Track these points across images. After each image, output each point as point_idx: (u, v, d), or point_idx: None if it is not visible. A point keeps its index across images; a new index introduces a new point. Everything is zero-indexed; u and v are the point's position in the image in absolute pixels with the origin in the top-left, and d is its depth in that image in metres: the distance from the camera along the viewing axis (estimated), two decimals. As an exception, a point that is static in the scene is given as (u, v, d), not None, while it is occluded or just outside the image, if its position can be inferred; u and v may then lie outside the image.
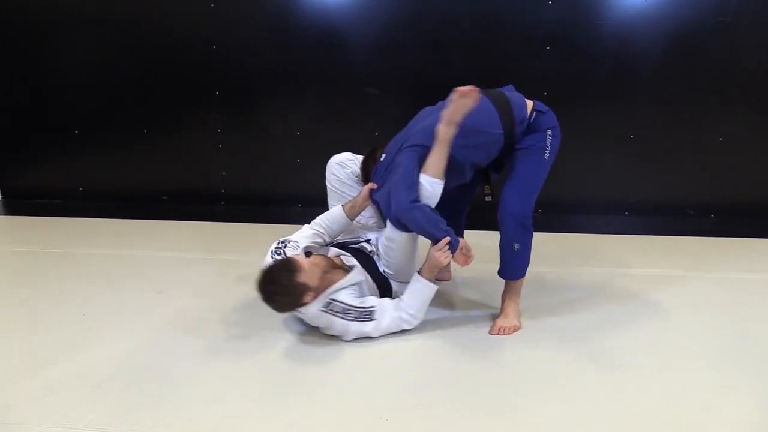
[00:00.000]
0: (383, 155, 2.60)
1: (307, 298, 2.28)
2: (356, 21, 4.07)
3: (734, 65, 3.83)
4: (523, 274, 2.55)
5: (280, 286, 2.24)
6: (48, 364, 2.25)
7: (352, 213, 2.65)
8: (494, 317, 2.57)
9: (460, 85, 2.40)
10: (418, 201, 2.35)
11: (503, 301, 2.58)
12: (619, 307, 2.74)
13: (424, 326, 2.52)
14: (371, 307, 2.39)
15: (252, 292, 2.89)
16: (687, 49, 3.85)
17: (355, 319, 2.37)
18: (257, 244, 3.64)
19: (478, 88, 2.39)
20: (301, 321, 2.57)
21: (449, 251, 2.36)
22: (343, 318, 2.36)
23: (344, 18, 4.08)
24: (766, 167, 3.96)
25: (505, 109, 2.47)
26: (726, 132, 3.93)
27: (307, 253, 2.49)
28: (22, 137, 4.64)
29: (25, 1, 4.32)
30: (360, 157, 2.79)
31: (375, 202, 2.63)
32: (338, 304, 2.36)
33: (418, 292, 2.43)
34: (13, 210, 4.53)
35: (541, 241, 3.58)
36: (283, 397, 2.04)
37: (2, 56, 4.47)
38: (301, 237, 2.59)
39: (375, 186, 2.58)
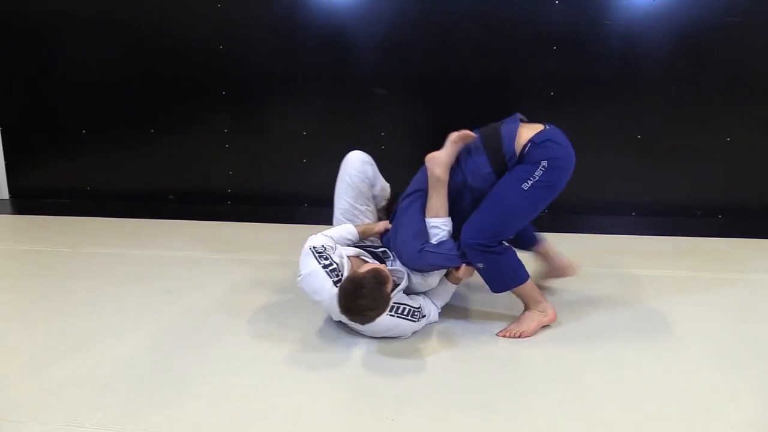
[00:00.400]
0: (402, 199, 2.64)
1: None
2: (362, 21, 4.07)
3: (742, 65, 3.82)
4: (506, 287, 2.49)
5: (372, 299, 2.18)
6: (55, 363, 2.26)
7: (362, 237, 2.68)
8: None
9: (464, 85, 2.41)
10: (425, 244, 2.43)
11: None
12: (624, 307, 2.73)
13: (428, 327, 2.52)
14: (420, 306, 2.47)
15: (258, 292, 2.92)
16: (694, 49, 3.83)
17: (419, 319, 2.44)
18: (264, 244, 3.66)
19: (471, 132, 2.44)
20: (306, 322, 2.58)
21: (470, 269, 2.50)
22: (410, 320, 2.41)
23: (350, 18, 4.08)
24: (774, 167, 3.95)
25: (494, 145, 2.42)
26: (734, 132, 3.92)
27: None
28: (30, 137, 4.67)
29: (33, 1, 4.35)
30: None
31: (385, 243, 2.70)
32: (405, 306, 2.40)
33: (446, 292, 2.61)
34: (20, 209, 4.55)
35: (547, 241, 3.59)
36: (289, 396, 2.04)
37: (10, 57, 4.49)
38: (332, 242, 2.52)
39: (390, 226, 2.64)
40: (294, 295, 2.84)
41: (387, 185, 2.84)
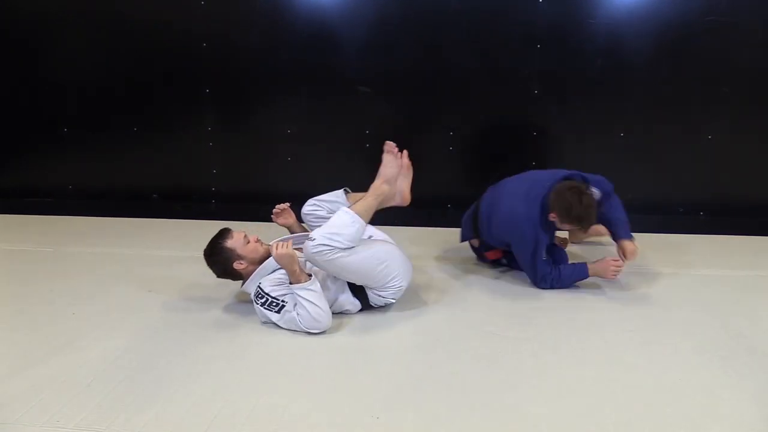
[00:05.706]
0: None
1: (238, 266, 2.60)
2: (348, 19, 4.06)
3: (723, 63, 3.85)
4: None
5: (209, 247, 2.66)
6: (38, 364, 2.24)
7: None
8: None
9: (449, 84, 2.40)
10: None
11: None
12: (609, 304, 2.76)
13: (414, 324, 2.54)
14: (283, 302, 2.49)
15: (242, 291, 2.91)
16: (677, 48, 3.86)
17: (277, 310, 2.48)
18: (248, 243, 3.65)
19: None
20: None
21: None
22: (267, 309, 2.49)
23: (336, 16, 4.07)
24: (755, 165, 3.98)
25: None
26: (715, 130, 3.95)
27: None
28: (12, 135, 4.60)
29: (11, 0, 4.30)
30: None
31: None
32: (268, 298, 2.50)
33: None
34: (2, 208, 4.49)
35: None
36: (274, 396, 2.04)
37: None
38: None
39: None
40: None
41: None
